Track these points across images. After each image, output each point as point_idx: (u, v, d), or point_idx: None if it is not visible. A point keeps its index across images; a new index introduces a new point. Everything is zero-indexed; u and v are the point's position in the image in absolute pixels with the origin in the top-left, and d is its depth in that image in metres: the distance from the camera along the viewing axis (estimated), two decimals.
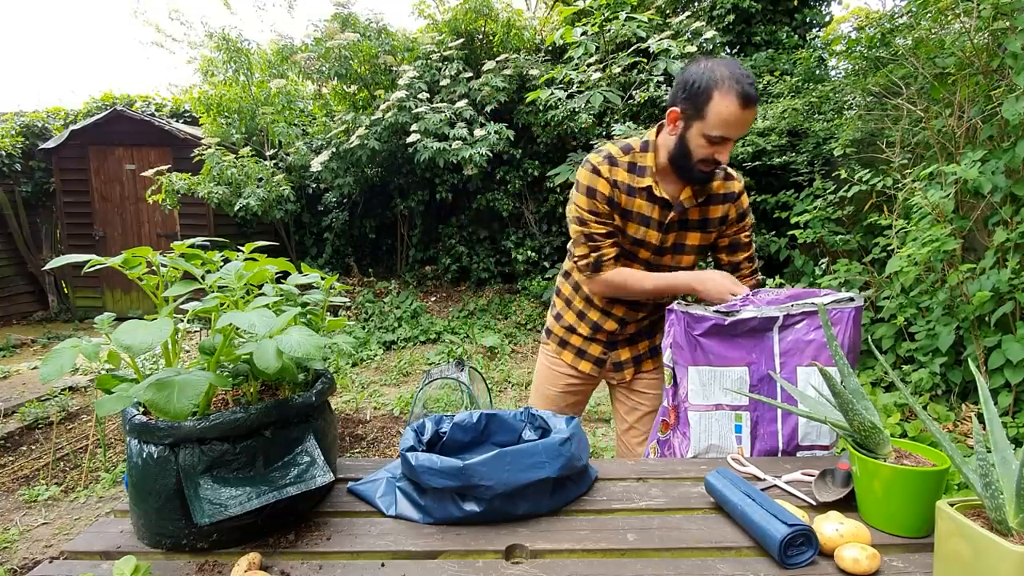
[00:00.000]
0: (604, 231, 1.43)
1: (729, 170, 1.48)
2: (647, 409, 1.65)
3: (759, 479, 1.06)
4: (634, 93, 5.13)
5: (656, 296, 1.48)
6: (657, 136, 1.43)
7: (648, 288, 1.44)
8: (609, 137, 4.91)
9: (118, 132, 6.47)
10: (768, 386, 1.25)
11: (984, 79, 2.73)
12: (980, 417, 2.17)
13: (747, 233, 1.54)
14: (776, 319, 1.25)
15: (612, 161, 1.42)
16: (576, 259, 1.50)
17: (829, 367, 1.18)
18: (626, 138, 1.51)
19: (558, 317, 1.68)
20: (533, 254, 6.28)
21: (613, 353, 1.64)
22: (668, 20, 5.45)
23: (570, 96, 4.96)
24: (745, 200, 1.50)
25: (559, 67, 5.08)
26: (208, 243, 1.13)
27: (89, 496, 2.81)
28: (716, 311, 1.27)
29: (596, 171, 1.41)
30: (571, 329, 1.65)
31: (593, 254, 1.45)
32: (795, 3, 5.61)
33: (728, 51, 5.86)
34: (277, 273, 1.06)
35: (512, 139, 5.70)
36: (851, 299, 1.24)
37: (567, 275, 1.66)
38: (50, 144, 6.53)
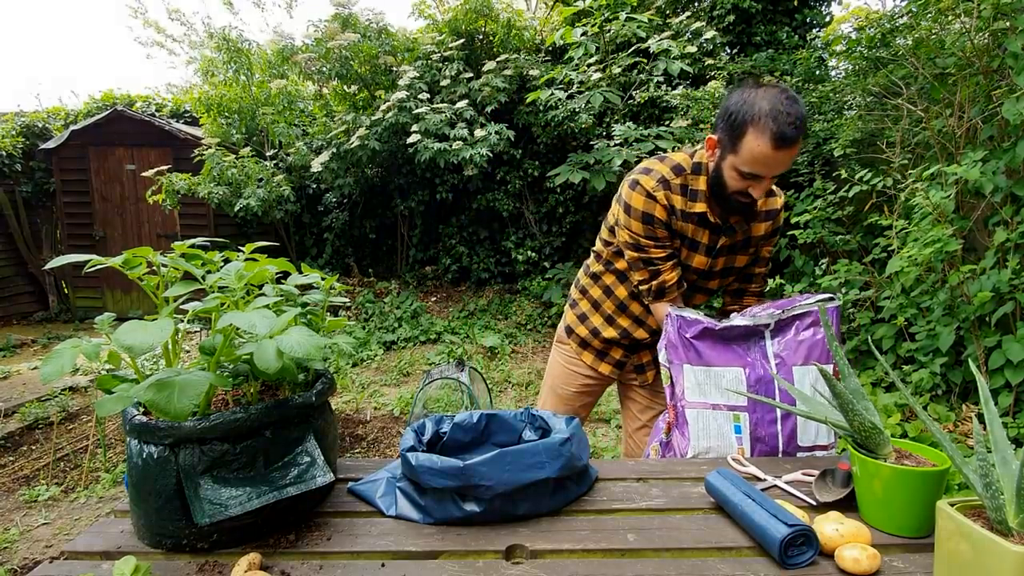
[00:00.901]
0: (664, 255, 1.38)
1: (773, 187, 1.43)
2: (661, 408, 1.64)
3: (759, 479, 1.06)
4: (634, 93, 5.13)
5: None
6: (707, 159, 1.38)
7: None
8: (609, 137, 4.91)
9: (118, 132, 6.47)
10: (765, 387, 1.25)
11: (984, 79, 2.73)
12: (980, 417, 2.17)
13: (770, 248, 1.50)
14: (768, 325, 1.26)
15: (666, 185, 1.35)
16: (636, 284, 1.45)
17: (826, 366, 1.18)
18: (673, 151, 1.46)
19: (583, 318, 1.63)
20: (533, 254, 6.27)
21: (634, 356, 1.62)
22: (668, 20, 5.45)
23: (570, 96, 4.96)
24: (781, 218, 1.47)
25: (559, 67, 5.08)
26: (208, 243, 1.13)
27: (89, 496, 2.81)
28: (708, 315, 1.29)
29: (652, 196, 1.34)
30: (596, 332, 1.60)
31: (654, 281, 1.40)
32: (795, 3, 5.61)
33: (728, 51, 5.86)
34: (277, 273, 1.06)
35: (512, 139, 5.70)
36: (831, 298, 1.27)
37: (596, 277, 1.60)
38: (50, 144, 6.53)
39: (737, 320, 1.26)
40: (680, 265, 1.42)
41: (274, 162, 6.22)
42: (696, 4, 5.84)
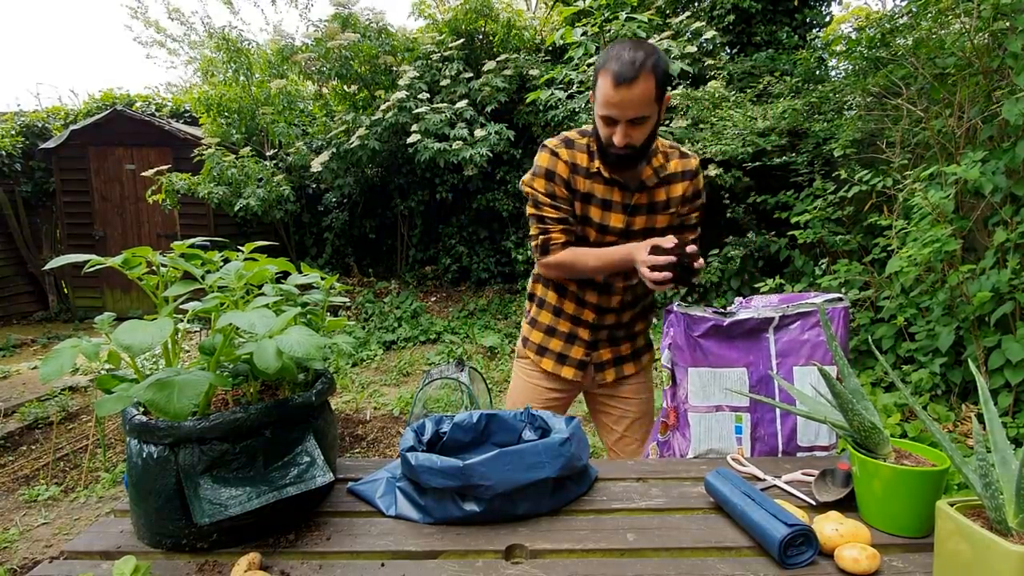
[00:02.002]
0: (555, 216, 1.41)
1: (682, 148, 1.47)
2: (636, 415, 1.61)
3: (759, 479, 1.06)
4: None
5: (603, 271, 1.43)
6: None
7: (592, 264, 1.40)
8: None
9: (118, 132, 6.47)
10: (767, 387, 1.26)
11: (984, 79, 2.73)
12: (980, 417, 2.17)
13: (696, 215, 1.49)
14: (772, 320, 1.26)
15: (569, 144, 1.41)
16: (531, 242, 1.48)
17: (827, 366, 1.18)
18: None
19: (534, 323, 1.61)
20: None
21: (595, 354, 1.58)
22: (668, 20, 5.45)
23: (570, 96, 4.96)
24: (701, 180, 1.47)
25: (559, 67, 5.08)
26: (208, 243, 1.13)
27: (89, 496, 2.81)
28: (715, 312, 1.28)
29: (555, 153, 1.39)
30: (550, 331, 1.58)
31: (541, 236, 1.43)
32: (795, 3, 5.61)
33: (728, 51, 5.86)
34: (277, 273, 1.06)
35: (512, 139, 5.70)
36: (840, 299, 1.26)
37: (537, 276, 1.62)
38: (50, 144, 6.53)
39: (743, 314, 1.26)
40: (600, 228, 1.43)
41: (274, 162, 6.22)
42: (696, 4, 5.84)
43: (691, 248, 1.20)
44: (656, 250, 1.22)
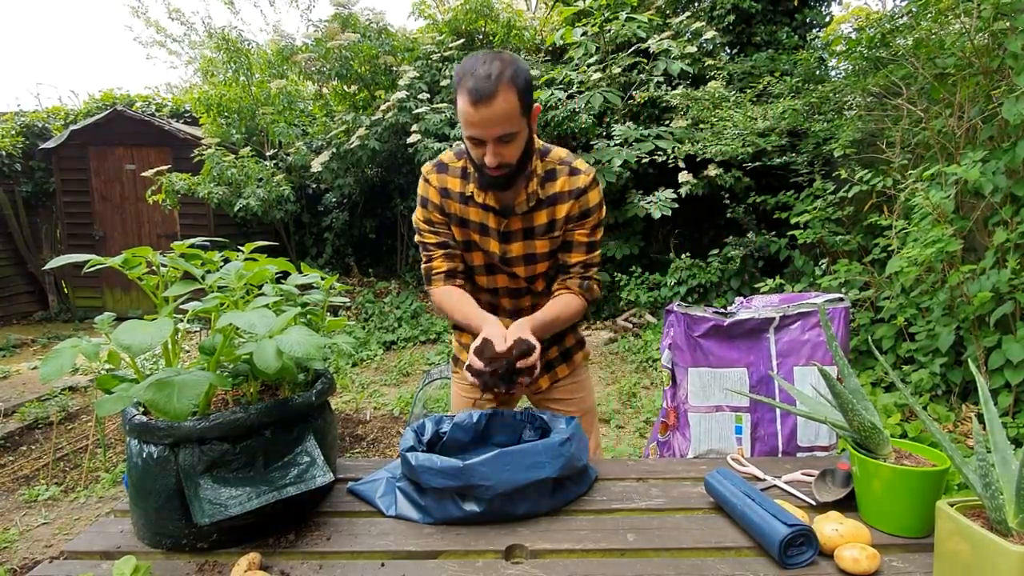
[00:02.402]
0: (435, 241, 1.37)
1: (575, 164, 1.32)
2: (578, 413, 1.50)
3: (759, 479, 1.06)
4: (634, 93, 5.13)
5: (462, 328, 1.37)
6: None
7: (456, 317, 1.33)
8: (609, 137, 4.91)
9: (118, 132, 6.47)
10: (767, 387, 1.26)
11: (984, 79, 2.73)
12: (980, 417, 2.17)
13: (585, 232, 1.32)
14: (772, 320, 1.26)
15: (441, 168, 1.34)
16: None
17: (827, 366, 1.18)
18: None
19: (460, 343, 1.54)
20: None
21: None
22: (668, 20, 5.45)
23: (570, 96, 4.96)
24: (593, 197, 1.30)
25: (559, 67, 5.08)
26: (208, 243, 1.13)
27: (89, 496, 2.81)
28: (716, 312, 1.28)
29: (427, 180, 1.35)
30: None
31: (424, 265, 1.39)
32: (795, 3, 5.61)
33: (728, 51, 5.86)
34: (277, 273, 1.06)
35: None
36: (840, 299, 1.26)
37: None
38: (50, 144, 6.53)
39: (743, 314, 1.26)
40: (484, 252, 1.36)
41: (274, 162, 6.22)
42: (696, 4, 5.84)
43: (530, 360, 1.12)
44: (481, 353, 1.13)
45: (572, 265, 1.34)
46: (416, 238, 1.43)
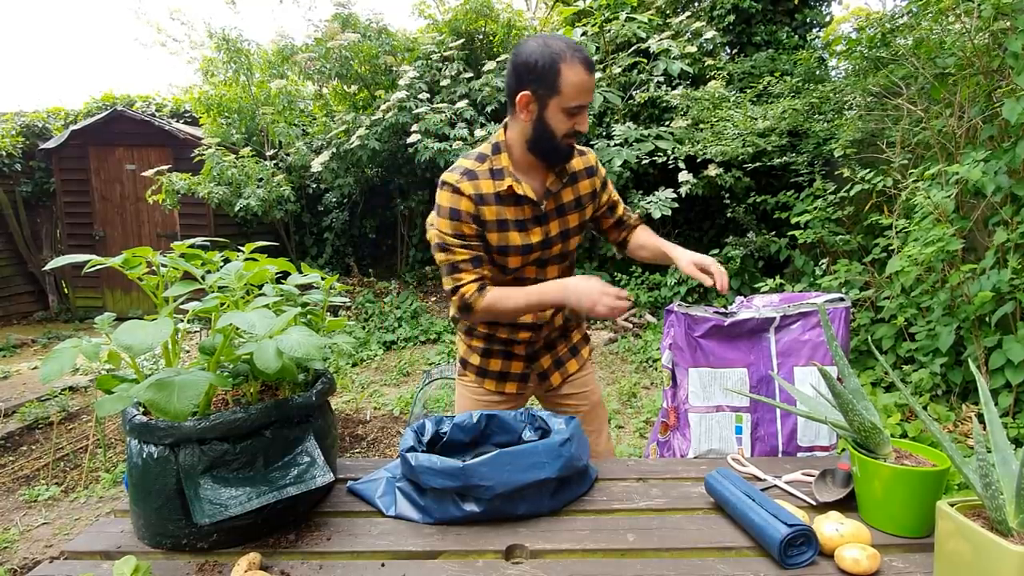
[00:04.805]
0: (467, 257, 1.33)
1: (577, 147, 1.46)
2: (588, 407, 1.57)
3: (759, 479, 1.05)
4: (634, 93, 5.13)
5: (531, 311, 1.39)
6: (506, 134, 1.37)
7: (521, 306, 1.34)
8: (609, 137, 4.91)
9: (118, 132, 6.47)
10: (768, 387, 1.25)
11: (984, 79, 2.73)
12: (980, 417, 2.17)
13: (612, 192, 1.55)
14: (773, 320, 1.26)
15: (470, 175, 1.34)
16: (447, 294, 1.39)
17: (827, 366, 1.18)
18: (475, 146, 1.43)
19: (470, 347, 1.55)
20: None
21: (535, 364, 1.53)
22: (668, 20, 5.45)
23: None
24: (602, 169, 1.52)
25: None
26: (208, 243, 1.13)
27: (89, 496, 2.81)
28: (716, 312, 1.28)
29: (457, 190, 1.32)
30: (487, 353, 1.52)
31: (454, 294, 1.34)
32: (795, 3, 5.61)
33: (728, 51, 5.85)
34: (277, 273, 1.06)
35: None
36: (841, 299, 1.26)
37: None
38: (50, 144, 6.53)
39: (743, 314, 1.26)
40: (524, 249, 1.38)
41: (274, 162, 6.22)
42: (696, 4, 5.84)
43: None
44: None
45: (622, 216, 1.56)
46: (439, 256, 1.37)
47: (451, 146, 5.26)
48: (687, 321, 1.29)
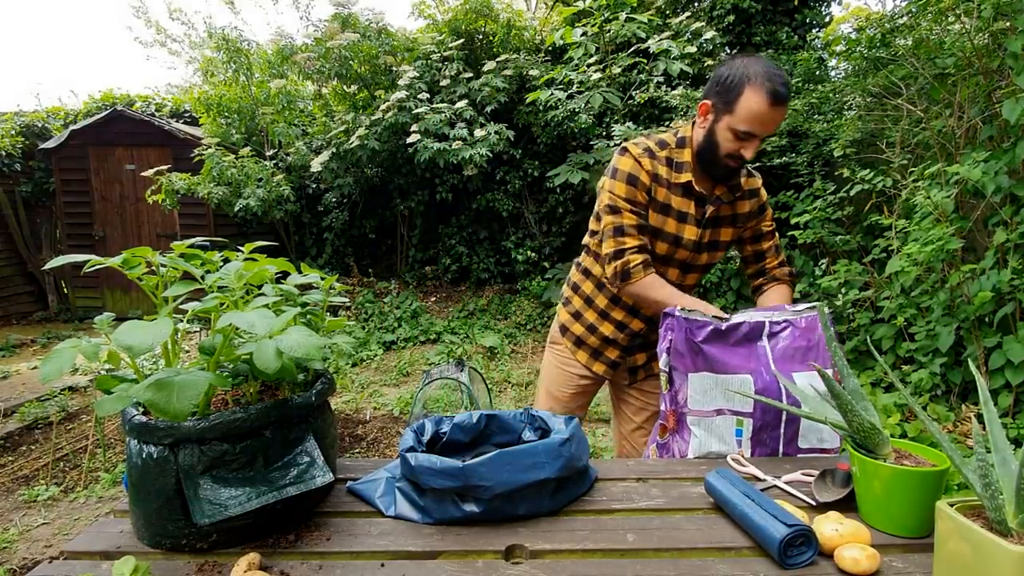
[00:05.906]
0: (634, 223, 1.39)
1: (750, 168, 1.50)
2: (656, 408, 1.63)
3: (759, 479, 1.05)
4: (634, 93, 5.13)
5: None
6: (692, 131, 1.42)
7: (667, 302, 1.36)
8: (609, 137, 4.91)
9: (118, 132, 6.47)
10: (771, 395, 1.25)
11: (984, 79, 2.73)
12: (980, 418, 2.17)
13: (768, 223, 1.54)
14: (763, 325, 1.26)
15: (652, 154, 1.41)
16: (604, 259, 1.43)
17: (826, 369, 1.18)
18: (646, 136, 1.48)
19: (577, 315, 1.61)
20: (533, 254, 6.27)
21: (630, 358, 1.60)
22: (668, 21, 5.45)
23: (570, 96, 4.95)
24: (764, 195, 1.53)
25: (559, 67, 5.08)
26: (208, 243, 1.13)
27: (89, 496, 2.81)
28: (713, 316, 1.28)
29: (638, 161, 1.39)
30: (592, 329, 1.59)
31: (618, 260, 1.39)
32: (795, 3, 5.61)
33: (728, 51, 5.85)
34: (277, 273, 1.06)
35: (512, 139, 5.70)
36: (813, 307, 1.28)
37: (587, 272, 1.60)
38: (50, 144, 6.52)
39: (738, 317, 1.26)
40: (675, 240, 1.44)
41: (274, 162, 6.22)
42: (696, 4, 5.84)
43: None
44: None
45: (766, 250, 1.53)
46: (607, 218, 1.41)
47: (451, 146, 5.26)
48: (687, 326, 1.28)
